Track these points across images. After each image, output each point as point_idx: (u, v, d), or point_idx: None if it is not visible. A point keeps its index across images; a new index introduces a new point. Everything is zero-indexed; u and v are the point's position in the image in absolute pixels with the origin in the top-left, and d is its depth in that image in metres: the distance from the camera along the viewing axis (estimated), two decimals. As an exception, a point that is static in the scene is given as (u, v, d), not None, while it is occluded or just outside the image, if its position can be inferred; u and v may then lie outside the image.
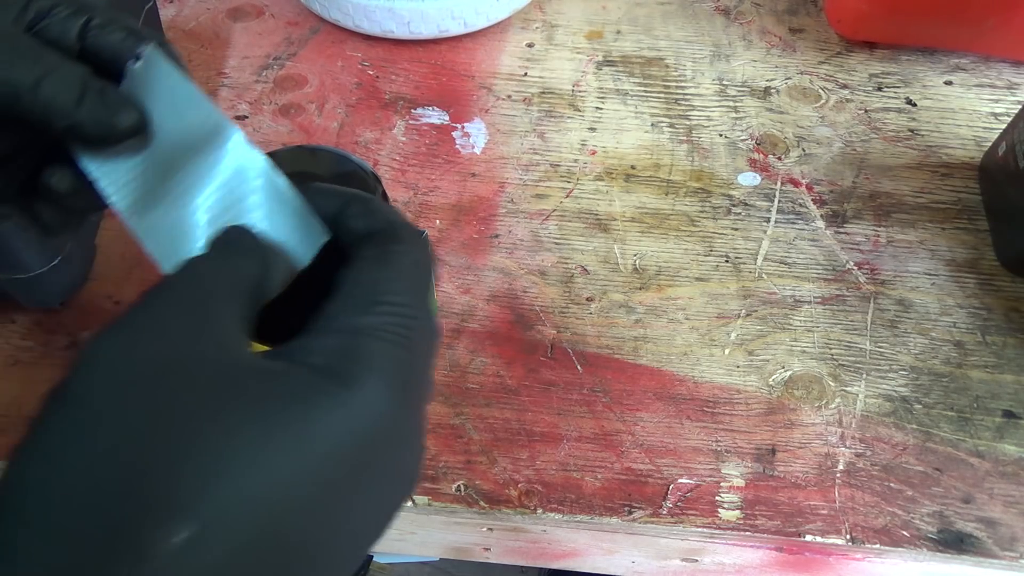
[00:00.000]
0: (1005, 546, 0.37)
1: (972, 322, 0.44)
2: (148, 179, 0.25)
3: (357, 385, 0.19)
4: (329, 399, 0.19)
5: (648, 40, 0.59)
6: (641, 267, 0.46)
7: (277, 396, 0.19)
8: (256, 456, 0.18)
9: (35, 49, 0.24)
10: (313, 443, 0.19)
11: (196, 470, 0.17)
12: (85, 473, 0.17)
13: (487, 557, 0.43)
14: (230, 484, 0.17)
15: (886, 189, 0.50)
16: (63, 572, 0.16)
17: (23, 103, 0.23)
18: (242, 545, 0.17)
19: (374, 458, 0.20)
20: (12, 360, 0.42)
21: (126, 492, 0.17)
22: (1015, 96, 0.56)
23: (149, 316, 0.20)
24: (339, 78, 0.56)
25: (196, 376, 0.19)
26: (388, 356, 0.20)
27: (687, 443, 0.40)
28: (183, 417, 0.18)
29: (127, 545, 0.16)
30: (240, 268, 0.22)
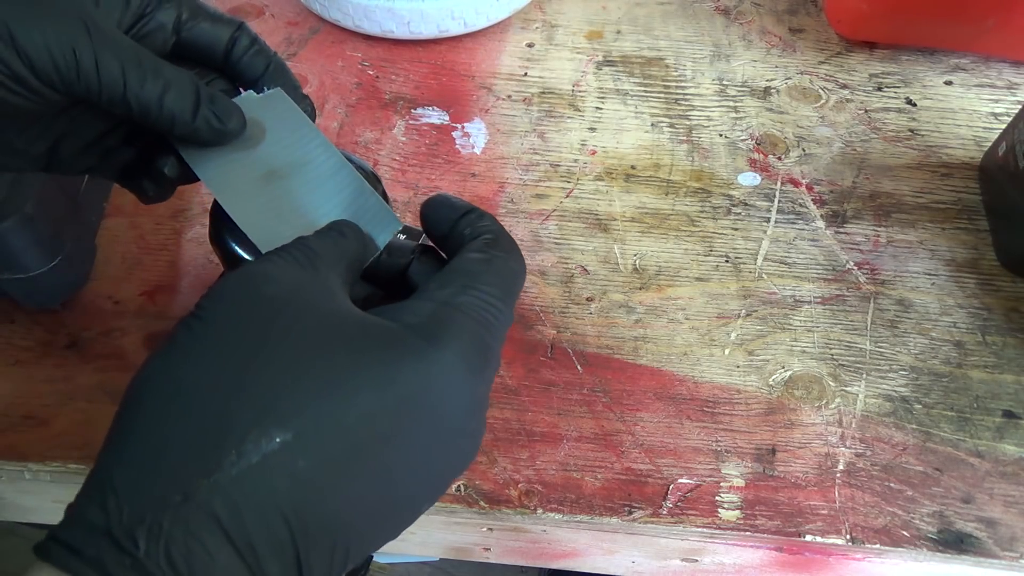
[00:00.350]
0: (1005, 546, 0.37)
1: (972, 322, 0.44)
2: (244, 174, 0.30)
3: (441, 344, 0.22)
4: (415, 351, 0.22)
5: (648, 40, 0.59)
6: (641, 267, 0.46)
7: (372, 340, 0.22)
8: (348, 387, 0.21)
9: (155, 64, 0.27)
10: (396, 385, 0.21)
11: (297, 389, 0.21)
12: (209, 374, 0.21)
13: (487, 557, 0.43)
14: (324, 406, 0.21)
15: (886, 189, 0.50)
16: (182, 446, 0.20)
17: (151, 117, 0.27)
18: (327, 459, 0.20)
19: (445, 412, 0.23)
20: (12, 360, 0.42)
21: (239, 396, 0.20)
22: (1015, 96, 0.56)
23: (270, 265, 0.24)
24: (339, 78, 0.56)
25: (306, 315, 0.22)
26: (471, 330, 0.23)
27: (687, 443, 0.40)
28: (293, 346, 0.21)
29: (234, 437, 0.20)
30: (341, 244, 0.26)
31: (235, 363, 0.21)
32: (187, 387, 0.21)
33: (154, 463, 0.20)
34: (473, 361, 0.23)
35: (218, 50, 0.31)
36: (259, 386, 0.21)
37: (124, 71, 0.26)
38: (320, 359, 0.21)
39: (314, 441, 0.20)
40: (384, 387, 0.21)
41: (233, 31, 0.30)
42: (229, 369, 0.21)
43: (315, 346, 0.21)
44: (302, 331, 0.22)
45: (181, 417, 0.20)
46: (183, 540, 0.19)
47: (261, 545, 0.20)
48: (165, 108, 0.27)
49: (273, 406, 0.20)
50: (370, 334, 0.22)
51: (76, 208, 0.43)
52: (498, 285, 0.25)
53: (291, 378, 0.21)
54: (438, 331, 0.23)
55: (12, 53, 0.24)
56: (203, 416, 0.20)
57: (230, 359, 0.21)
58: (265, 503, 0.20)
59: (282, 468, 0.20)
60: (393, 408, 0.22)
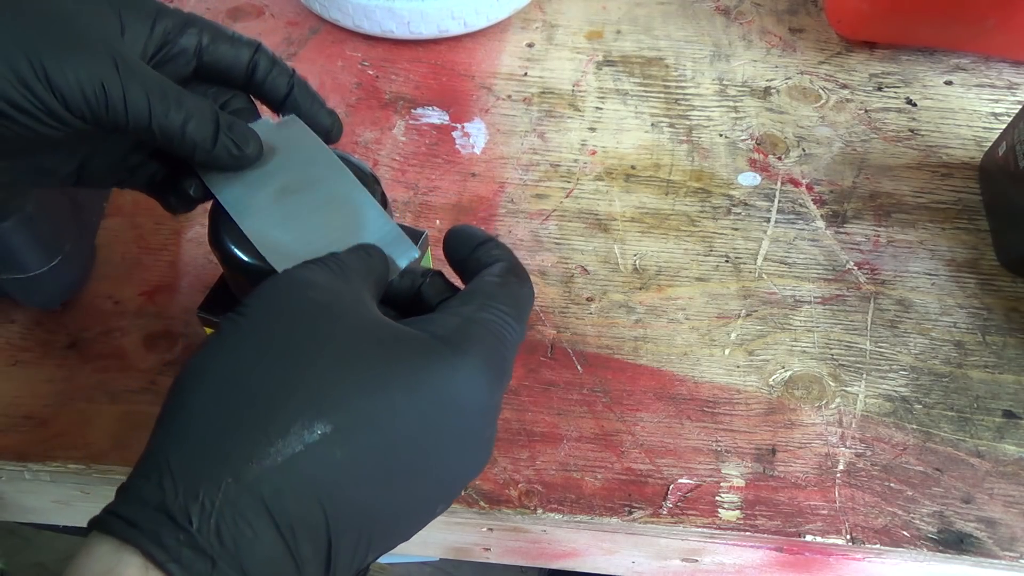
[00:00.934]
0: (1005, 546, 0.37)
1: (972, 322, 0.44)
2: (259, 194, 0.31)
3: (465, 354, 0.24)
4: (441, 358, 0.24)
5: (648, 40, 0.59)
6: (641, 267, 0.46)
7: (405, 346, 0.24)
8: (383, 387, 0.23)
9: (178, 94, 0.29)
10: (425, 388, 0.23)
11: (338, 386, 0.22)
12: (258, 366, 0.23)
13: (487, 557, 0.43)
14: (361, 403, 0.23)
15: (886, 189, 0.50)
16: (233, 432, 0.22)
17: (175, 144, 0.29)
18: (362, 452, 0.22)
19: (467, 416, 0.25)
20: (12, 360, 0.42)
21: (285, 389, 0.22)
22: (1015, 96, 0.56)
23: (309, 272, 0.26)
24: (339, 78, 0.56)
25: (347, 319, 0.24)
26: (491, 343, 0.25)
27: (687, 443, 0.40)
28: (336, 346, 0.23)
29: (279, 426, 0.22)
30: (369, 263, 0.28)
31: (283, 358, 0.23)
32: (238, 377, 0.23)
33: (207, 447, 0.21)
34: (493, 370, 0.25)
35: (239, 71, 0.33)
36: (304, 381, 0.22)
37: (150, 103, 0.28)
38: (359, 360, 0.23)
39: (351, 435, 0.22)
40: (415, 389, 0.23)
41: (252, 53, 0.32)
42: (277, 363, 0.23)
43: (355, 348, 0.23)
44: (344, 334, 0.24)
45: (232, 405, 0.22)
46: (232, 519, 0.21)
47: (299, 527, 0.22)
48: (187, 136, 0.29)
49: (316, 400, 0.22)
50: (403, 341, 0.24)
51: (76, 208, 0.43)
52: (513, 305, 0.27)
53: (333, 375, 0.23)
54: (463, 342, 0.25)
55: (46, 90, 0.26)
56: (252, 405, 0.22)
57: (278, 354, 0.23)
58: (305, 489, 0.21)
59: (322, 458, 0.22)
60: (423, 409, 0.23)
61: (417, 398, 0.23)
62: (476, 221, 0.48)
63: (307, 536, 0.22)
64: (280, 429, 0.22)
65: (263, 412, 0.22)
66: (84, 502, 0.41)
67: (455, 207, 0.49)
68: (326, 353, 0.23)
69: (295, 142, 0.33)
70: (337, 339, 0.23)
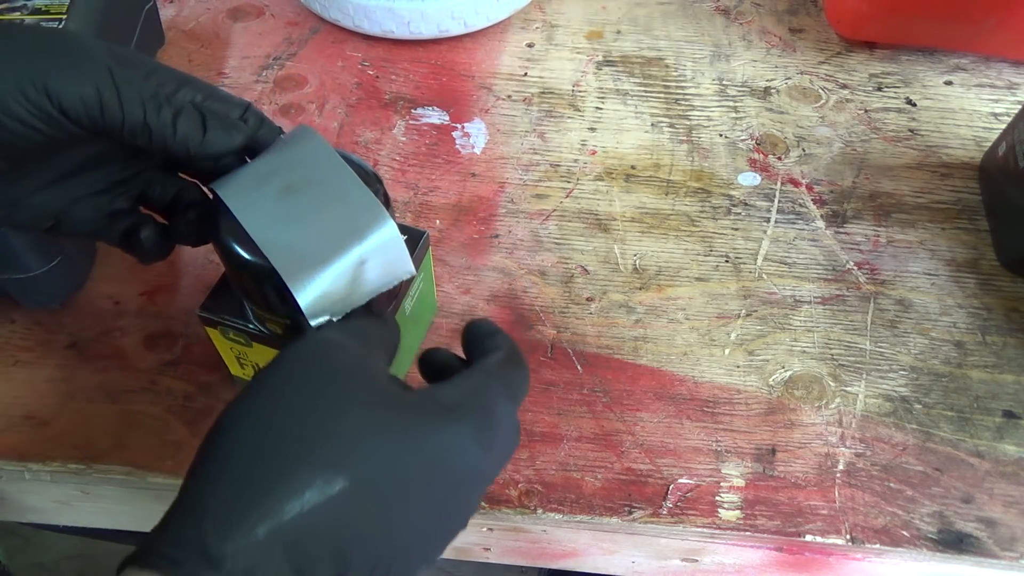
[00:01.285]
0: (1005, 546, 0.37)
1: (972, 322, 0.44)
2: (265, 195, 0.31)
3: (460, 421, 0.27)
4: (444, 423, 0.27)
5: (648, 40, 0.59)
6: (641, 267, 0.46)
7: (415, 412, 0.27)
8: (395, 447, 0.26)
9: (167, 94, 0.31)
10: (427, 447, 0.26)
11: (357, 445, 0.25)
12: (290, 421, 0.25)
13: (487, 557, 0.43)
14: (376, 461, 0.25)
15: (886, 189, 0.50)
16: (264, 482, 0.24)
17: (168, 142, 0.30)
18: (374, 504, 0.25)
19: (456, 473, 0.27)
20: (12, 360, 0.42)
21: (313, 444, 0.25)
22: (1015, 96, 0.56)
23: (337, 337, 0.29)
24: (339, 78, 0.56)
25: (369, 384, 0.27)
26: (483, 415, 0.28)
27: (687, 443, 0.40)
28: (353, 409, 0.26)
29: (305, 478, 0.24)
30: (386, 334, 0.32)
31: (311, 415, 0.25)
32: (271, 430, 0.25)
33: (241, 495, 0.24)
34: (482, 436, 0.28)
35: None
36: (327, 439, 0.25)
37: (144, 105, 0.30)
38: (375, 422, 0.26)
39: (366, 489, 0.25)
40: (420, 449, 0.26)
41: (242, 112, 0.33)
42: (307, 420, 0.25)
43: (372, 411, 0.26)
44: (364, 397, 0.26)
45: (265, 456, 0.25)
46: (260, 563, 0.23)
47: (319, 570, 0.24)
48: (179, 131, 0.31)
49: (338, 457, 0.25)
50: (413, 407, 0.27)
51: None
52: (507, 386, 0.30)
53: (352, 435, 0.25)
54: (465, 413, 0.28)
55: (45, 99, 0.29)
56: (284, 458, 0.24)
57: (307, 412, 0.26)
58: (325, 537, 0.24)
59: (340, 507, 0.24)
60: (424, 465, 0.26)
61: (422, 456, 0.26)
62: (476, 221, 0.48)
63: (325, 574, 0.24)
64: (306, 481, 0.24)
65: (293, 465, 0.24)
66: (84, 502, 0.41)
67: (455, 207, 0.49)
68: (348, 414, 0.26)
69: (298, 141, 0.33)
70: (358, 402, 0.26)
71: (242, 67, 0.57)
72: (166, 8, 0.61)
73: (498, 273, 0.46)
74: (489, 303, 0.44)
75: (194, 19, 0.60)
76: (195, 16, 0.61)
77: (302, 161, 0.32)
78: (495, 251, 0.47)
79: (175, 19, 0.60)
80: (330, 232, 0.30)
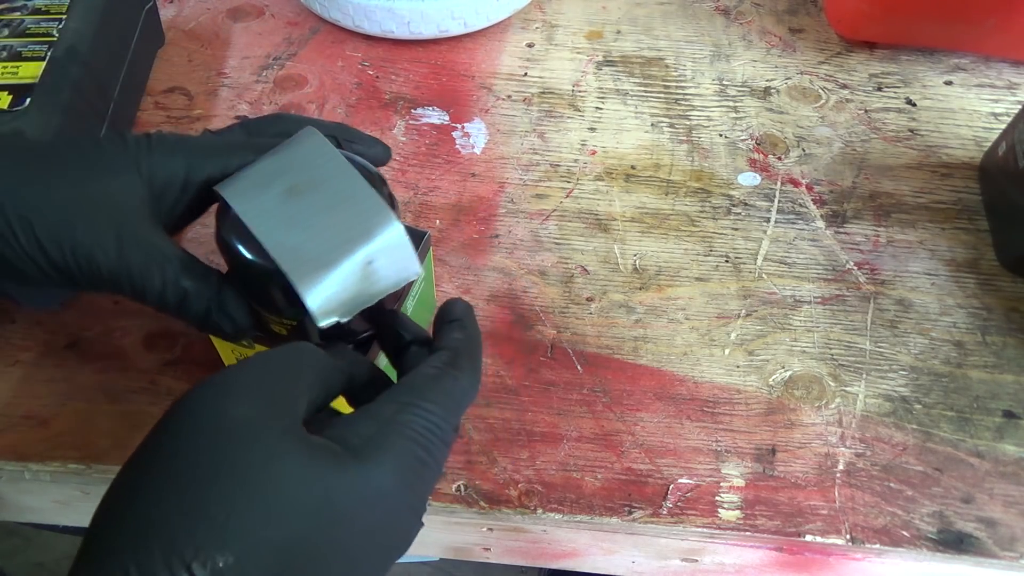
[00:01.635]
0: (1005, 546, 0.37)
1: (972, 322, 0.44)
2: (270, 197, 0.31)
3: (376, 465, 0.25)
4: (352, 474, 0.25)
5: (648, 40, 0.59)
6: (641, 267, 0.46)
7: (316, 466, 0.25)
8: (288, 511, 0.24)
9: (175, 272, 0.31)
10: (332, 505, 0.24)
11: (243, 515, 0.23)
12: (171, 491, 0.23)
13: (487, 557, 0.43)
14: (263, 532, 0.23)
15: (886, 189, 0.50)
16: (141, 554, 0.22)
17: (170, 311, 0.31)
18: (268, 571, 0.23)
19: (376, 524, 0.26)
20: (12, 360, 0.42)
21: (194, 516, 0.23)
22: (1015, 96, 0.56)
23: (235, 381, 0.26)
24: (339, 78, 0.56)
25: (260, 441, 0.24)
26: (406, 448, 0.26)
27: (687, 443, 0.40)
28: (245, 472, 0.24)
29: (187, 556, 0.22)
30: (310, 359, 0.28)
31: (194, 485, 0.24)
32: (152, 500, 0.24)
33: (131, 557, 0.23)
34: (406, 476, 0.26)
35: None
36: (211, 510, 0.23)
37: (144, 280, 0.30)
38: (266, 485, 0.24)
39: (252, 563, 0.23)
40: (321, 509, 0.24)
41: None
42: (189, 490, 0.23)
43: (263, 472, 0.24)
44: (254, 458, 0.24)
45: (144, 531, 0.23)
46: None
47: None
48: (182, 311, 0.31)
49: (219, 531, 0.23)
50: (314, 459, 0.25)
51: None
52: (441, 403, 0.28)
53: (238, 504, 0.23)
54: (375, 452, 0.26)
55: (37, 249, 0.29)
56: (162, 532, 0.23)
57: (190, 480, 0.24)
58: None
59: None
60: (327, 526, 0.24)
61: (324, 517, 0.24)
62: (476, 221, 0.48)
63: None
64: (188, 558, 0.22)
65: (174, 540, 0.23)
66: (84, 502, 0.41)
67: (455, 207, 0.49)
68: (236, 479, 0.24)
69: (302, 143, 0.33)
70: (248, 465, 0.24)
71: (242, 67, 0.57)
72: (166, 8, 0.61)
73: (498, 273, 0.46)
74: (489, 303, 0.44)
75: (194, 19, 0.60)
76: (195, 16, 0.61)
77: (306, 163, 0.32)
78: (495, 251, 0.47)
79: (175, 19, 0.60)
80: (337, 234, 0.30)
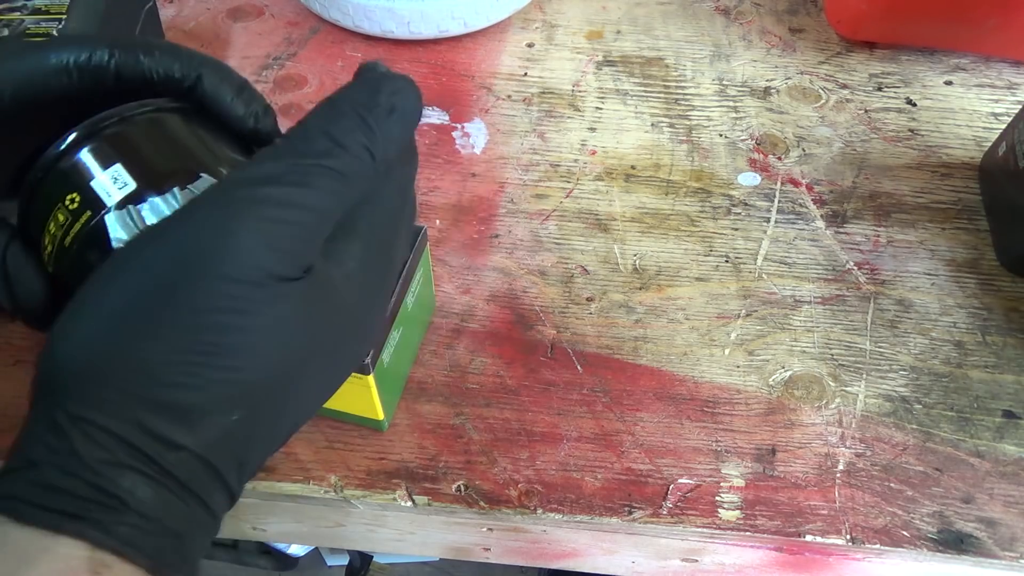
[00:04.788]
0: (1005, 546, 0.37)
1: (972, 322, 0.44)
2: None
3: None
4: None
5: (648, 40, 0.59)
6: (641, 267, 0.46)
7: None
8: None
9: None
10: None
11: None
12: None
13: (487, 557, 0.43)
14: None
15: (886, 189, 0.50)
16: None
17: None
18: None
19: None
20: (13, 360, 0.42)
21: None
22: (1015, 96, 0.56)
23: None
24: (339, 78, 0.56)
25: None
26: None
27: (687, 443, 0.40)
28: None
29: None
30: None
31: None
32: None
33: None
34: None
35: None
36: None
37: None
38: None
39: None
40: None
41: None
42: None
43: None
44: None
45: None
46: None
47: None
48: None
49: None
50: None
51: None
52: (364, 105, 0.25)
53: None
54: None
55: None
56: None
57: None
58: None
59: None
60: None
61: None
62: (476, 221, 0.48)
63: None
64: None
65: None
66: (84, 502, 0.41)
67: (455, 207, 0.49)
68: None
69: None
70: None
71: (242, 67, 0.57)
72: (166, 8, 0.61)
73: (498, 273, 0.46)
74: (489, 303, 0.44)
75: (194, 19, 0.60)
76: (195, 16, 0.61)
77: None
78: (495, 251, 0.47)
79: (175, 19, 0.60)
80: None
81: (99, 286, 0.23)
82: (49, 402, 0.22)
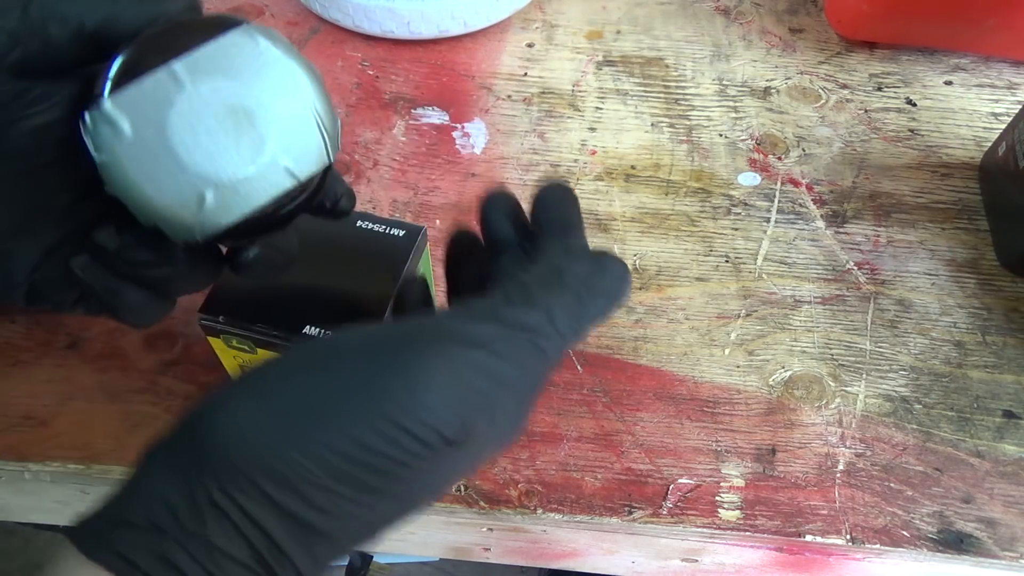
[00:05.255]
0: (1005, 546, 0.37)
1: (972, 322, 0.44)
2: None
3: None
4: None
5: (648, 40, 0.59)
6: (641, 267, 0.46)
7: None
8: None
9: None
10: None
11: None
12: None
13: (487, 557, 0.43)
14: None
15: (886, 189, 0.50)
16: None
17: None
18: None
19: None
20: (12, 360, 0.42)
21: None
22: (1015, 96, 0.56)
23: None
24: (339, 78, 0.56)
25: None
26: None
27: (687, 443, 0.40)
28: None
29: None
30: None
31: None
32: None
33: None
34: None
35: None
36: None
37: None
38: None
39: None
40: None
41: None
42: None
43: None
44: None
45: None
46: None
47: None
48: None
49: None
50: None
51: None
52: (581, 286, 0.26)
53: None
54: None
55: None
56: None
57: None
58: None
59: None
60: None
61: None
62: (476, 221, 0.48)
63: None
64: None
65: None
66: (84, 502, 0.41)
67: (455, 207, 0.49)
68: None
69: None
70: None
71: (242, 67, 0.57)
72: (166, 8, 0.61)
73: (498, 273, 0.46)
74: (489, 303, 0.44)
75: (194, 19, 0.60)
76: (195, 16, 0.61)
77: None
78: (495, 251, 0.47)
79: (175, 19, 0.60)
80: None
81: (284, 370, 0.23)
82: (192, 473, 0.22)
